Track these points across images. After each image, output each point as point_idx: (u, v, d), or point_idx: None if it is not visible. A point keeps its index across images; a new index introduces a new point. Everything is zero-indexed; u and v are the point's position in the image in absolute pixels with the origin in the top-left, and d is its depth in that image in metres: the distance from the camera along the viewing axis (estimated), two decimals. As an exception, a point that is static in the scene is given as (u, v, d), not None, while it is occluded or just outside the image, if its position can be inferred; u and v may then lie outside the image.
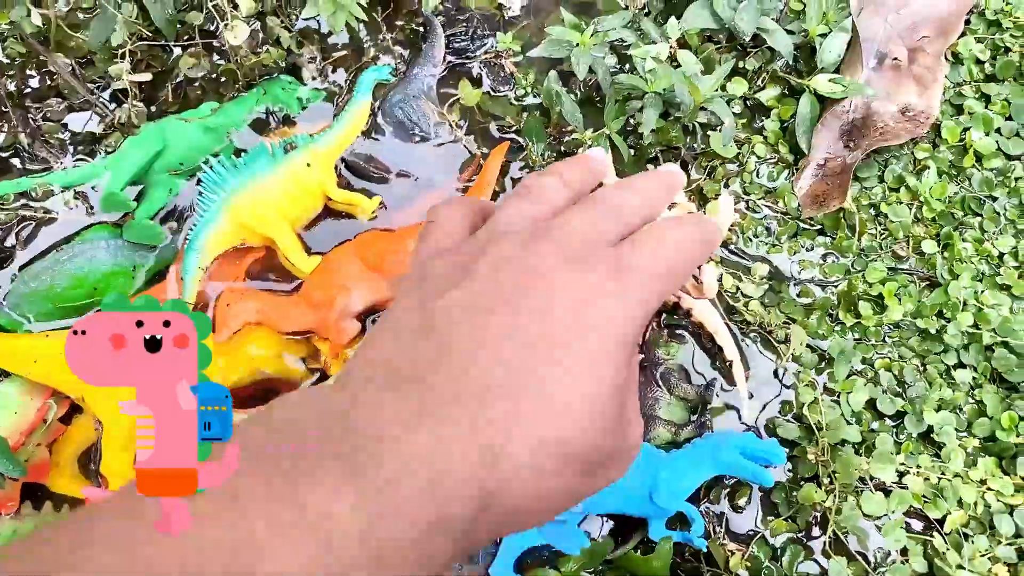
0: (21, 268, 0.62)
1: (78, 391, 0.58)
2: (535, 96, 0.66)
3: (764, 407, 0.58)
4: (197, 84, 0.67)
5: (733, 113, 0.63)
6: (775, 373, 0.59)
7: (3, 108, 0.65)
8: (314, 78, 0.67)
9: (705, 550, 0.53)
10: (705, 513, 0.55)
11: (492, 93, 0.66)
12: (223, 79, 0.67)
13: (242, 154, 0.61)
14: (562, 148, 0.64)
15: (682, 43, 0.64)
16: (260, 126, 0.66)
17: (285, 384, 0.60)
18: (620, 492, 0.52)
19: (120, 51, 0.63)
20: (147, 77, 0.65)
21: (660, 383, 0.58)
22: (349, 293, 0.57)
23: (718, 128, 0.63)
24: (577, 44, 0.62)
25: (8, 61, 0.65)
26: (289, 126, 0.67)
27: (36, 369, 0.58)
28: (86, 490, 0.56)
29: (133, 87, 0.64)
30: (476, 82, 0.66)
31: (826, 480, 0.55)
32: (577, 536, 0.54)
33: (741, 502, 0.56)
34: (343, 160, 0.65)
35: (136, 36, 0.64)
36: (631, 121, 0.63)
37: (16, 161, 0.65)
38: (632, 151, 0.63)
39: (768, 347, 0.59)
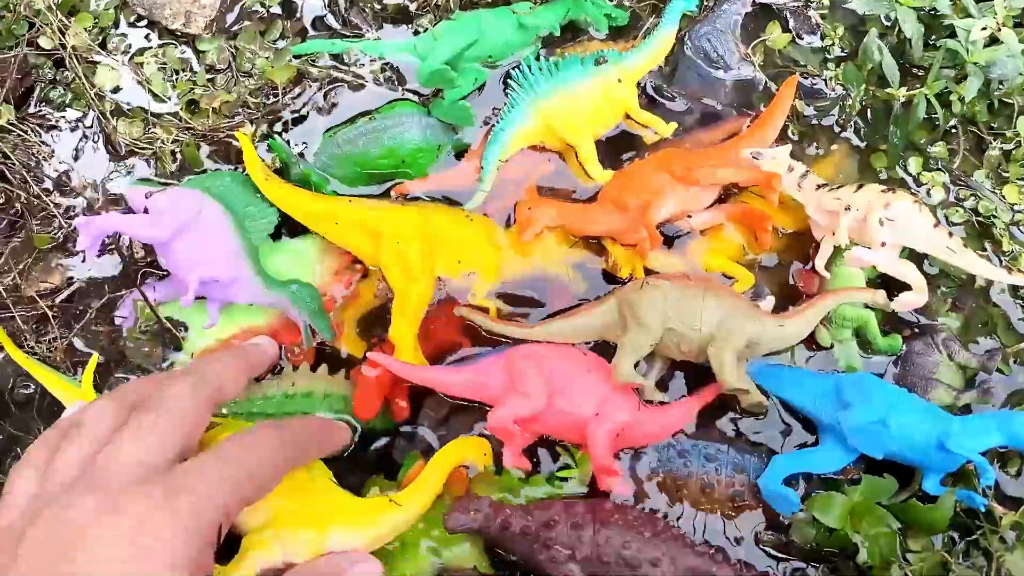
0: (328, 130, 0.66)
1: (373, 258, 0.63)
2: (841, 49, 0.69)
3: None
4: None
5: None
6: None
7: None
8: (621, -3, 0.70)
9: (983, 509, 0.57)
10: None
11: (796, 40, 0.70)
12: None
13: (551, 60, 0.65)
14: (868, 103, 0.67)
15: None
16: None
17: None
18: (904, 437, 0.56)
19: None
20: (469, -35, 0.68)
21: (940, 349, 0.61)
22: (664, 198, 0.61)
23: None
24: (900, 3, 0.65)
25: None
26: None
27: (335, 231, 0.62)
28: (372, 354, 0.60)
29: (455, -28, 0.68)
30: (783, 26, 0.69)
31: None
32: (788, 500, 0.58)
33: (1012, 470, 0.59)
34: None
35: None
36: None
37: (332, 23, 0.69)
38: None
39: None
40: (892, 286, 0.62)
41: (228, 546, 0.52)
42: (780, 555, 0.58)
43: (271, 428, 0.44)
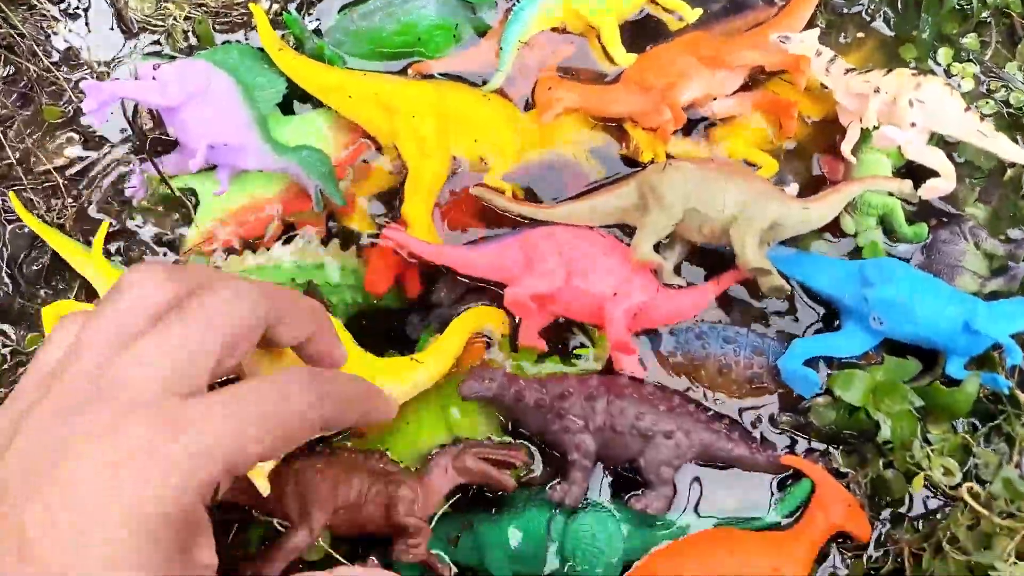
0: (343, 8, 0.65)
1: (387, 134, 0.62)
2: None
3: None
4: None
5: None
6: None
7: None
8: None
9: (1007, 392, 0.56)
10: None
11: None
12: None
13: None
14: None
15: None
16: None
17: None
18: (929, 318, 0.55)
19: None
20: None
21: (967, 237, 0.60)
22: (688, 80, 0.60)
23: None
24: None
25: None
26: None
27: (348, 104, 0.62)
28: (388, 230, 0.59)
29: None
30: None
31: None
32: (808, 381, 0.57)
33: (1036, 359, 0.58)
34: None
35: None
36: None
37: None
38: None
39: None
40: (918, 179, 0.60)
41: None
42: (798, 435, 0.57)
43: (309, 377, 0.35)
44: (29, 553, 0.28)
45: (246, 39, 0.65)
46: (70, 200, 0.62)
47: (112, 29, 0.66)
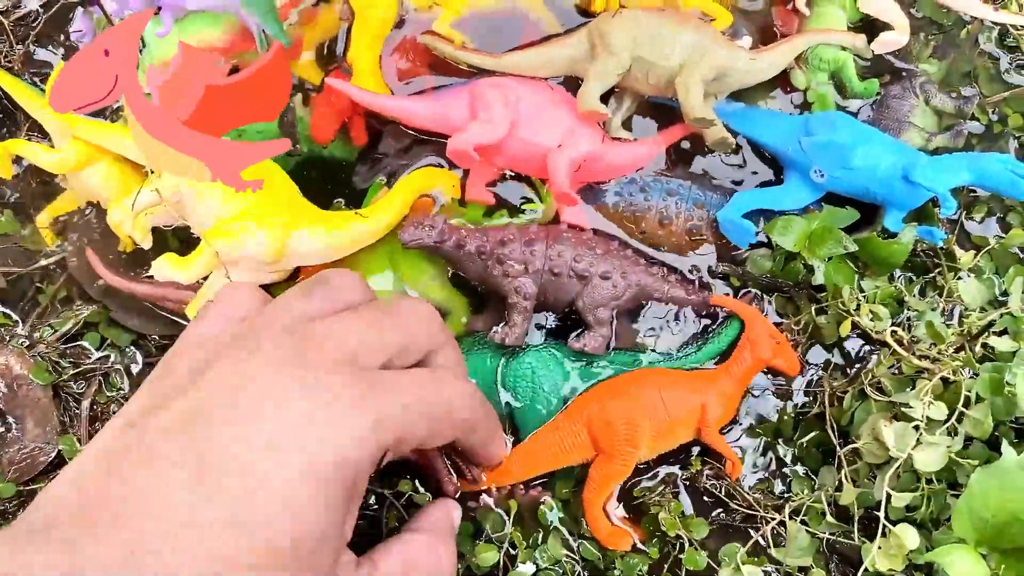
0: None
1: (335, -22, 0.61)
2: None
3: None
4: None
5: None
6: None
7: None
8: None
9: (941, 245, 0.56)
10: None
11: None
12: None
13: None
14: None
15: None
16: None
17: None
18: (868, 171, 0.55)
19: None
20: None
21: (917, 93, 0.60)
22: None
23: None
24: None
25: None
26: None
27: (295, -52, 0.60)
28: (331, 79, 0.59)
29: None
30: None
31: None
32: (745, 231, 0.58)
33: (977, 216, 0.59)
34: None
35: None
36: None
37: None
38: None
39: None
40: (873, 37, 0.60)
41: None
42: (734, 286, 0.58)
43: (473, 390, 0.41)
44: (206, 477, 0.29)
45: None
46: (18, 45, 0.61)
47: None
